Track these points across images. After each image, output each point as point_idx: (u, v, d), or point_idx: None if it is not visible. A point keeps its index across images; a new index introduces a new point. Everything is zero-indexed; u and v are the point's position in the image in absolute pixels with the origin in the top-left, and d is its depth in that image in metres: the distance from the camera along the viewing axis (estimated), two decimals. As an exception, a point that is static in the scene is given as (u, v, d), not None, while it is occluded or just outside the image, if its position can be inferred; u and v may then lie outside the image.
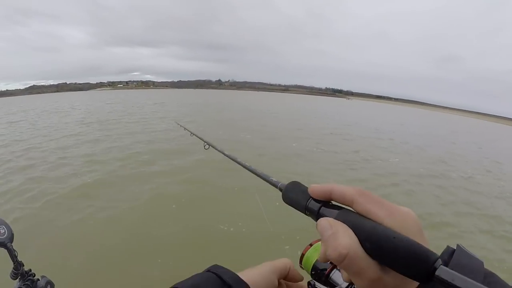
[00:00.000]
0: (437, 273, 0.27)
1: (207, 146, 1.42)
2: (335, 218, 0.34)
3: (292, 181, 0.45)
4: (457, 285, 0.26)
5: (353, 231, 0.32)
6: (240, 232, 4.29)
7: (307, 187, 0.40)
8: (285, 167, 7.77)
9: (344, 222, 0.33)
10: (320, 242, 0.37)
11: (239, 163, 0.76)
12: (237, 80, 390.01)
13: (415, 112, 74.02)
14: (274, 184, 0.50)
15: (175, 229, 4.34)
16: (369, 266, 0.30)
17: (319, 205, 0.37)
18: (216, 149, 1.14)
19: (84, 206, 5.03)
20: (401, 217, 0.32)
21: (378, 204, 0.33)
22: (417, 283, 0.30)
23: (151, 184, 6.11)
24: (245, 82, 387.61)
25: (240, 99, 50.25)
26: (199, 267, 0.51)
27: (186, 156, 8.19)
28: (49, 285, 0.85)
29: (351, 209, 0.35)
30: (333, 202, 0.37)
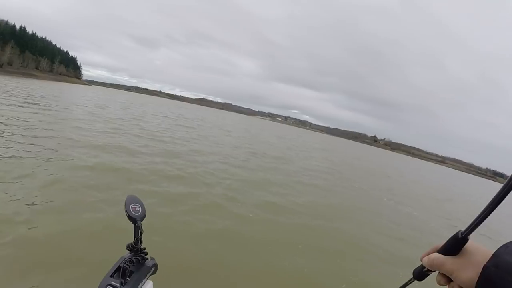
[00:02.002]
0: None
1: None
2: None
3: None
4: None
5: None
6: None
7: None
8: None
9: None
10: None
11: None
12: (392, 140, 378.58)
13: None
14: None
15: None
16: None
17: None
18: None
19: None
20: None
21: None
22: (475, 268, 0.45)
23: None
24: (401, 144, 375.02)
25: (398, 164, 45.75)
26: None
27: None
28: (154, 267, 0.91)
29: None
30: None
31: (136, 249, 0.87)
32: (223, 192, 6.43)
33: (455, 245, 0.49)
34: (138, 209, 0.86)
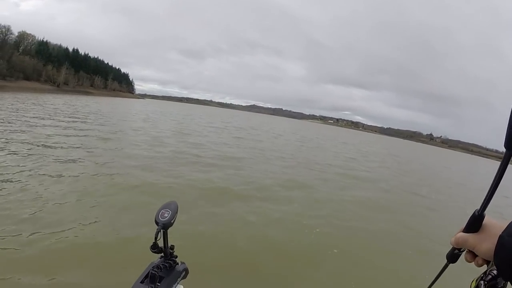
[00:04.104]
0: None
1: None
2: None
3: None
4: None
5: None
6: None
7: None
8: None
9: None
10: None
11: None
12: (449, 138, 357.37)
13: None
14: None
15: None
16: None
17: None
18: None
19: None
20: None
21: None
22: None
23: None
24: (458, 142, 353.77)
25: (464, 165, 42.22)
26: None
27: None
28: (184, 272, 0.93)
29: None
30: None
31: (164, 252, 0.89)
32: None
33: (474, 223, 0.55)
34: (166, 215, 0.86)
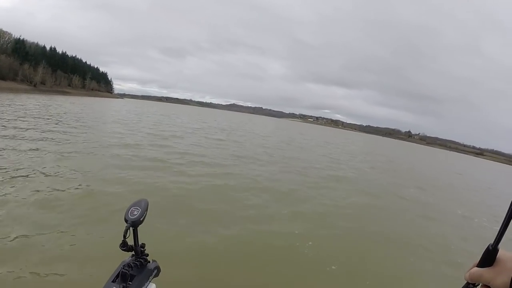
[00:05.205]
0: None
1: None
2: None
3: None
4: None
5: None
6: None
7: None
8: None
9: None
10: None
11: None
12: (428, 135, 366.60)
13: None
14: None
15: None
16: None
17: None
18: None
19: None
20: None
21: None
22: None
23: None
24: (436, 138, 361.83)
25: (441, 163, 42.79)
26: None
27: None
28: (156, 270, 0.93)
29: None
30: None
31: (135, 250, 0.89)
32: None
33: (488, 257, 0.55)
34: (136, 213, 0.85)
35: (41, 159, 7.37)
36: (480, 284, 0.57)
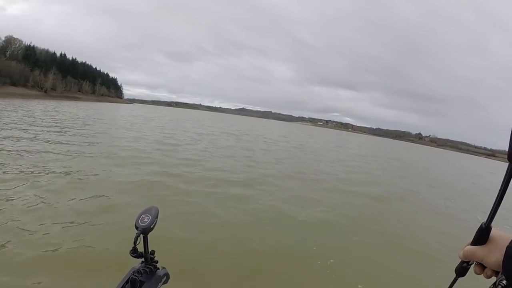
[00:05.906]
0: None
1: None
2: None
3: None
4: None
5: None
6: None
7: None
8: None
9: None
10: None
11: None
12: (438, 137, 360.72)
13: None
14: None
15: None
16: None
17: None
18: None
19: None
20: None
21: None
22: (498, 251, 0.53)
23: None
24: (447, 140, 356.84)
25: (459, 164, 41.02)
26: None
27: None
28: (165, 277, 0.93)
29: None
30: None
31: (145, 257, 0.89)
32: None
33: (481, 235, 0.56)
34: (146, 220, 0.85)
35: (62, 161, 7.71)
36: (474, 262, 0.59)
